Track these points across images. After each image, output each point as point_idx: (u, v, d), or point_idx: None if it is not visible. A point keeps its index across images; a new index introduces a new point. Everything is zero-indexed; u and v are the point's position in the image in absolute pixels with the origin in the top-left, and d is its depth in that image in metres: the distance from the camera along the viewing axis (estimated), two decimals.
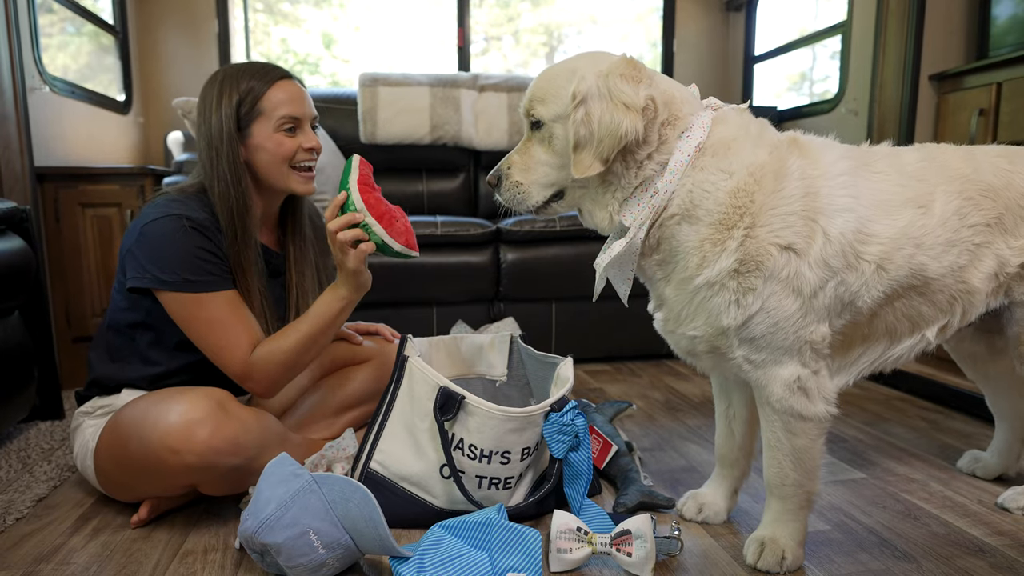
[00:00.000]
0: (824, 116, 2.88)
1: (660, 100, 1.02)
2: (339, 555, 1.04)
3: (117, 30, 2.88)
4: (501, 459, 1.23)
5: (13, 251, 1.67)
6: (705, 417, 1.91)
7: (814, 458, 1.08)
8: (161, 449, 1.14)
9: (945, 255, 1.08)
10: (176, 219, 1.22)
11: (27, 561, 1.15)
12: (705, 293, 1.03)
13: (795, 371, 1.04)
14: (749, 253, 1.00)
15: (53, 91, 2.31)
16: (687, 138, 1.03)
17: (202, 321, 1.24)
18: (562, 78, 1.04)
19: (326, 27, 4.13)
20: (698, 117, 1.05)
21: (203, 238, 1.24)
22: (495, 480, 1.25)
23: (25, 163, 1.95)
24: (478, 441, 1.22)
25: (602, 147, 0.99)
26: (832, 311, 1.04)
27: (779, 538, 1.10)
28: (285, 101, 1.30)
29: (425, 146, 2.85)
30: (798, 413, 1.05)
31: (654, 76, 1.04)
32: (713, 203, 1.01)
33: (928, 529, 1.25)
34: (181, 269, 1.21)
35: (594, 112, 0.99)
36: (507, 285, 2.44)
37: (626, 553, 1.08)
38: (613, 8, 3.93)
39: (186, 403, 1.16)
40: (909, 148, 1.19)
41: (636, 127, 0.99)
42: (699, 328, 1.06)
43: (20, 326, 1.73)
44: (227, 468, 1.18)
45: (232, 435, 1.17)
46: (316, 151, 1.35)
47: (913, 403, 2.05)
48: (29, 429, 1.82)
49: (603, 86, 0.99)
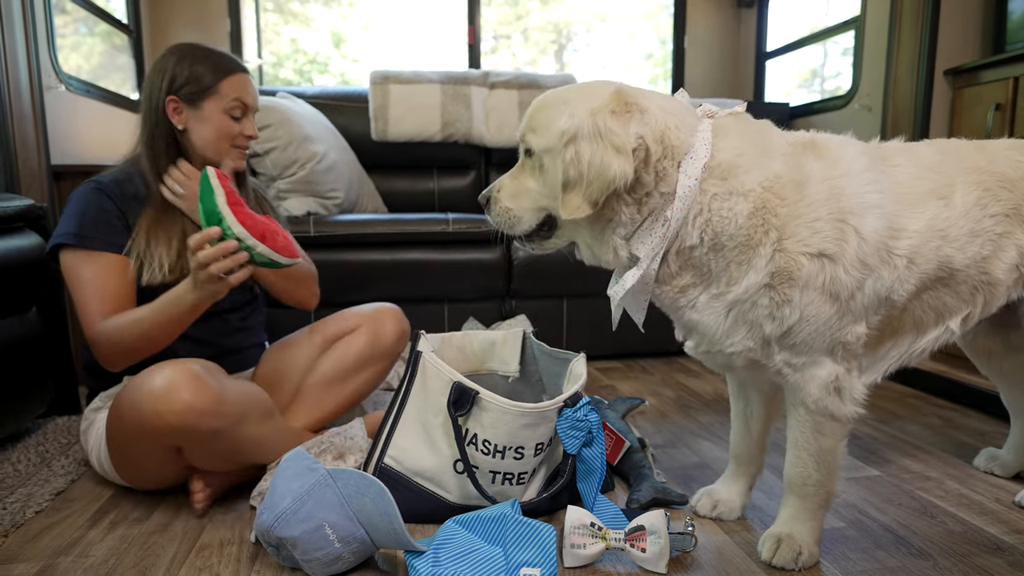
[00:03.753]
0: (837, 112, 2.86)
1: (651, 138, 0.98)
2: (354, 549, 1.05)
3: (131, 29, 2.90)
4: (515, 454, 1.23)
5: (31, 248, 1.69)
6: (717, 414, 1.91)
7: (837, 459, 1.08)
8: (148, 412, 1.16)
9: (969, 246, 1.07)
10: (87, 183, 1.37)
11: (47, 553, 1.17)
12: (739, 309, 1.02)
13: (832, 370, 1.03)
14: (780, 266, 0.98)
15: (69, 90, 2.33)
16: (691, 160, 0.99)
17: (78, 278, 1.31)
18: (554, 110, 1.01)
19: (336, 26, 4.15)
20: (697, 135, 1.01)
21: (105, 198, 1.34)
22: (508, 475, 1.25)
23: (42, 161, 1.97)
24: (492, 436, 1.22)
25: (591, 190, 0.97)
26: (870, 309, 1.03)
27: (796, 535, 1.10)
28: (241, 88, 1.42)
29: (436, 143, 2.85)
30: (831, 413, 1.05)
31: (647, 108, 0.99)
32: (734, 228, 0.99)
33: (944, 527, 1.24)
34: (76, 225, 1.31)
35: (584, 153, 0.96)
36: (518, 282, 2.44)
37: (640, 549, 1.08)
38: (622, 6, 3.92)
39: (170, 368, 1.19)
40: (921, 143, 1.17)
41: (625, 172, 0.95)
42: (738, 344, 1.05)
43: (38, 322, 1.75)
44: (207, 431, 1.18)
45: (212, 397, 1.18)
46: (253, 138, 1.47)
47: (927, 400, 2.03)
48: (47, 424, 1.84)
49: (593, 125, 0.96)
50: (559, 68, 4.18)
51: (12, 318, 1.65)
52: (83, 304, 1.30)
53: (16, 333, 1.63)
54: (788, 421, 1.10)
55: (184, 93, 1.38)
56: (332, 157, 2.50)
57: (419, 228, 2.35)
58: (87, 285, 1.30)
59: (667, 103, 1.03)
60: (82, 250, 1.30)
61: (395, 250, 2.34)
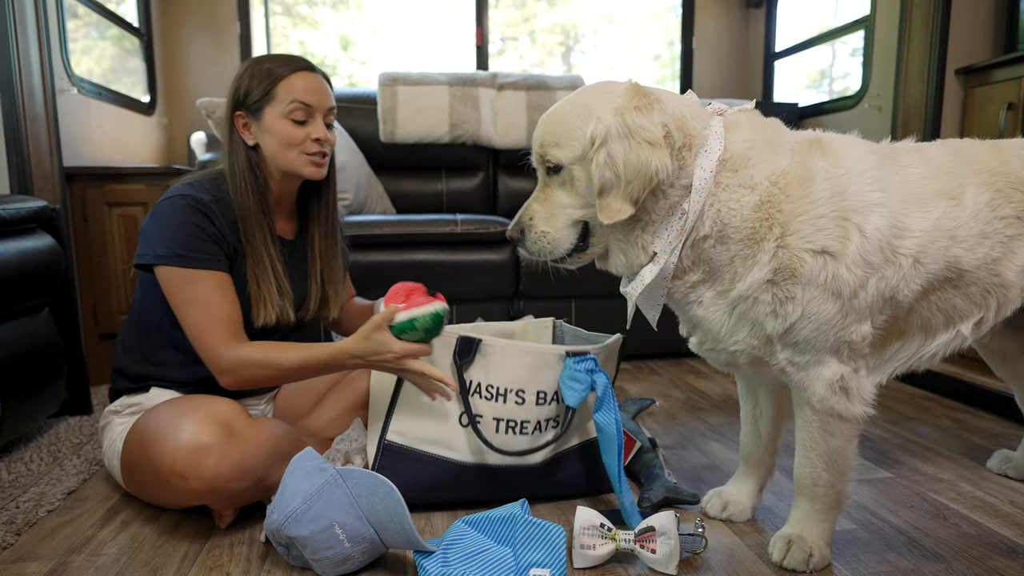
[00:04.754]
0: (847, 112, 2.85)
1: (673, 125, 0.99)
2: (364, 548, 1.05)
3: (142, 33, 2.93)
4: (516, 399, 1.27)
5: (44, 249, 1.71)
6: (726, 415, 1.90)
7: (847, 459, 1.07)
8: (168, 473, 1.16)
9: (979, 247, 1.06)
10: (180, 199, 1.27)
11: (59, 552, 1.17)
12: (742, 306, 1.02)
13: (838, 370, 1.03)
14: (783, 262, 0.98)
15: (81, 92, 2.36)
16: (705, 154, 1.00)
17: (188, 299, 1.25)
18: (575, 118, 1.00)
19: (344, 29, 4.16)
20: (710, 129, 1.02)
21: (203, 217, 1.26)
22: (511, 423, 1.28)
23: (55, 163, 1.98)
24: (494, 379, 1.27)
25: (631, 188, 0.96)
26: (874, 308, 1.03)
27: (807, 536, 1.09)
28: (298, 88, 1.31)
29: (444, 145, 2.86)
30: (838, 413, 1.04)
31: (661, 97, 1.01)
32: (740, 220, 0.99)
33: (958, 529, 1.23)
34: (175, 244, 1.24)
35: (617, 153, 0.96)
36: (526, 283, 2.44)
37: (650, 550, 1.08)
38: (629, 7, 3.92)
39: (195, 425, 1.16)
40: (933, 143, 1.17)
41: (666, 163, 0.96)
42: (741, 342, 1.05)
43: (50, 323, 1.77)
44: (235, 491, 1.19)
45: (238, 460, 1.17)
46: (324, 142, 1.35)
47: (939, 402, 2.02)
48: (59, 424, 1.85)
49: (622, 124, 0.96)
50: (566, 69, 4.18)
51: (25, 319, 1.66)
52: (198, 325, 1.24)
53: (29, 334, 1.65)
54: (796, 422, 1.10)
55: (247, 106, 1.32)
56: (341, 158, 2.50)
57: (427, 229, 2.36)
58: (198, 306, 1.24)
59: (679, 96, 1.05)
60: (187, 269, 1.24)
61: (403, 251, 2.34)
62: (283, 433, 1.29)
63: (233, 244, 1.31)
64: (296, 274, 1.43)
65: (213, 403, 1.23)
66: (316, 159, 1.34)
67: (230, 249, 1.30)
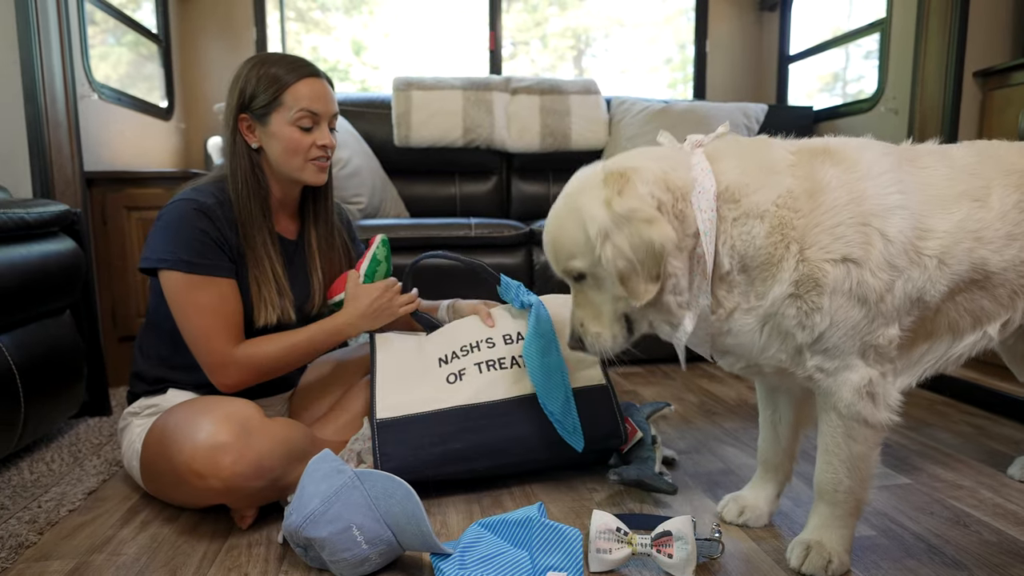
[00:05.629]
0: (862, 116, 2.83)
1: (659, 190, 0.98)
2: (381, 551, 1.06)
3: (161, 39, 2.97)
4: (487, 344, 1.46)
5: (65, 252, 1.73)
6: (741, 420, 1.89)
7: (869, 466, 1.07)
8: (187, 473, 1.17)
9: (1007, 249, 1.06)
10: (185, 203, 1.29)
11: (81, 551, 1.19)
12: (771, 323, 1.02)
13: (866, 374, 1.02)
14: (804, 275, 0.98)
15: (101, 98, 2.39)
16: (700, 195, 0.99)
17: (190, 305, 1.27)
18: (574, 226, 1.01)
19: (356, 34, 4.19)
20: (695, 169, 1.01)
21: (207, 221, 1.28)
22: (490, 362, 1.44)
23: (76, 167, 2.01)
24: (463, 339, 1.47)
25: (647, 269, 0.97)
26: (901, 311, 1.02)
27: (826, 542, 1.08)
28: (306, 96, 1.32)
29: (458, 149, 2.87)
30: (863, 419, 1.03)
31: (637, 166, 1.00)
32: (755, 249, 0.99)
33: (979, 536, 1.21)
34: (180, 249, 1.26)
35: (622, 243, 0.96)
36: (540, 286, 2.44)
37: (667, 555, 1.08)
38: (640, 11, 3.92)
39: (212, 424, 1.18)
40: (958, 144, 1.16)
41: (667, 234, 0.95)
42: (772, 356, 1.05)
43: (71, 325, 1.79)
44: (252, 491, 1.20)
45: (255, 459, 1.18)
46: (329, 148, 1.38)
47: (958, 408, 1.99)
48: (79, 424, 1.88)
49: (614, 215, 0.96)
50: (577, 73, 4.18)
51: (47, 321, 1.68)
52: (204, 331, 1.27)
53: (51, 336, 1.67)
54: (819, 427, 1.09)
55: (252, 110, 1.33)
56: (355, 163, 2.52)
57: (441, 232, 2.37)
58: (203, 313, 1.27)
59: (651, 152, 1.04)
60: (191, 275, 1.26)
61: (417, 254, 2.35)
62: (298, 433, 1.30)
63: (236, 247, 1.33)
64: (300, 273, 1.46)
65: (230, 403, 1.25)
66: (320, 163, 1.37)
67: (233, 252, 1.32)
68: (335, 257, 1.52)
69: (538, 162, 2.99)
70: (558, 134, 2.91)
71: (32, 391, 1.54)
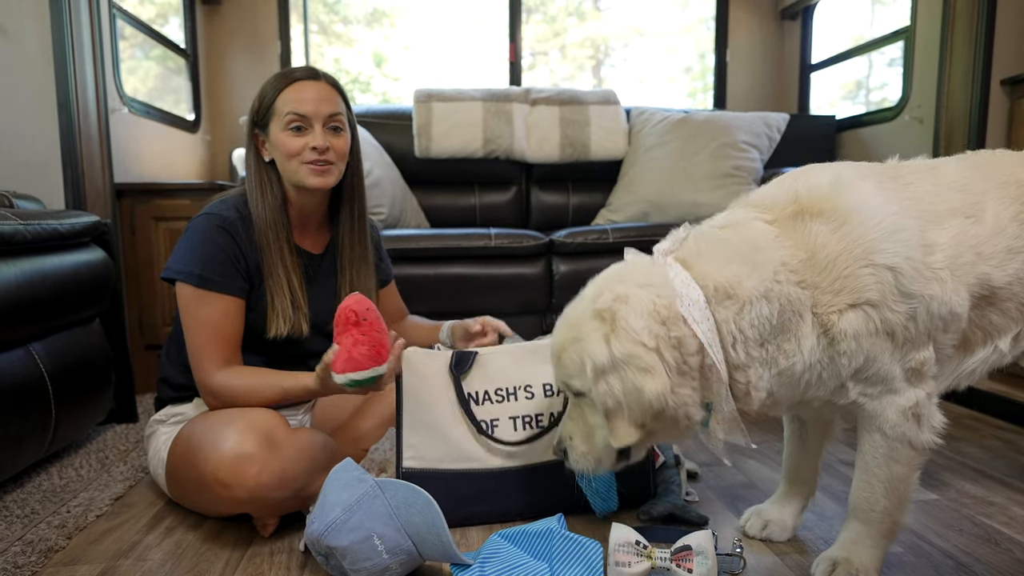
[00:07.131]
0: (886, 124, 2.79)
1: (654, 322, 0.95)
2: (402, 560, 1.06)
3: (188, 53, 3.04)
4: (525, 394, 1.33)
5: (96, 262, 1.78)
6: (764, 433, 1.87)
7: (908, 488, 1.05)
8: (213, 482, 1.19)
9: (1009, 263, 1.04)
10: (207, 218, 1.32)
11: (107, 556, 1.21)
12: (808, 375, 1.00)
13: (912, 396, 1.01)
14: (826, 326, 0.97)
15: (131, 111, 2.46)
16: (689, 308, 0.96)
17: (196, 319, 1.30)
18: (575, 352, 1.01)
19: (377, 46, 4.25)
20: (674, 284, 0.98)
21: (227, 237, 1.31)
22: (527, 418, 1.33)
23: (106, 179, 2.07)
24: (499, 382, 1.33)
25: (633, 415, 0.96)
26: (934, 330, 1.00)
27: (854, 560, 1.06)
28: (292, 100, 1.33)
29: (478, 159, 2.89)
30: (908, 440, 1.01)
31: (626, 298, 0.97)
32: (770, 328, 0.98)
33: (1011, 555, 1.19)
34: (195, 263, 1.29)
35: (614, 385, 0.95)
36: (560, 296, 2.44)
37: (687, 569, 1.06)
38: (660, 20, 3.92)
39: (238, 434, 1.19)
40: (950, 158, 1.15)
41: (660, 390, 0.93)
42: (812, 399, 1.04)
43: (100, 333, 1.83)
44: (276, 500, 1.22)
45: (280, 470, 1.19)
46: (321, 149, 1.33)
47: (986, 422, 1.95)
48: (106, 431, 1.92)
49: (612, 356, 0.95)
50: (596, 83, 4.19)
51: (77, 329, 1.73)
52: (197, 346, 1.30)
53: (81, 344, 1.71)
54: (860, 446, 1.07)
55: (259, 124, 1.38)
56: (377, 173, 2.55)
57: (461, 243, 2.38)
58: (203, 327, 1.29)
59: (634, 275, 1.02)
60: (201, 289, 1.29)
61: (438, 264, 2.37)
62: (321, 443, 1.32)
63: (256, 261, 1.35)
64: (321, 289, 1.45)
65: (254, 413, 1.26)
66: (316, 167, 1.34)
67: (251, 267, 1.34)
68: (366, 272, 1.49)
69: (558, 172, 2.99)
70: (578, 144, 2.91)
71: (63, 398, 1.58)
